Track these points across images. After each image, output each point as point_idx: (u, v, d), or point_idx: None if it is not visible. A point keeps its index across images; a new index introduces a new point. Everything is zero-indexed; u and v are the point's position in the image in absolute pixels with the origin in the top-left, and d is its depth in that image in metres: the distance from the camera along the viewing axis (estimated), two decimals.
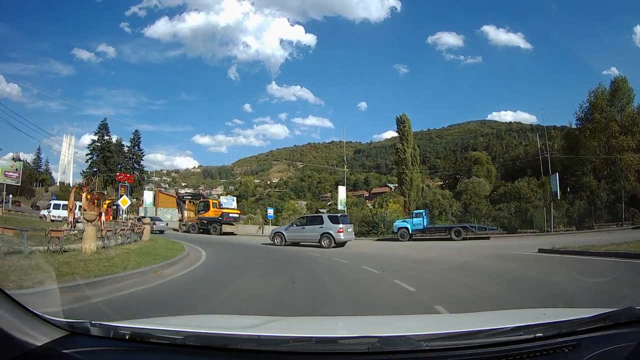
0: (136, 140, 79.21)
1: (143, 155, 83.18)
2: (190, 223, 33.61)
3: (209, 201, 35.06)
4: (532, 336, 1.49)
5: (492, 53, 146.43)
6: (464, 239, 24.40)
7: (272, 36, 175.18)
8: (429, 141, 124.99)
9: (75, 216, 18.70)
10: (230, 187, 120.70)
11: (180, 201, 39.76)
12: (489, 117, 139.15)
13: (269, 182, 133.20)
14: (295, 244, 19.76)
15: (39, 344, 1.35)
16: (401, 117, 43.72)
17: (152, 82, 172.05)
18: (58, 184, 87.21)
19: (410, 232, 26.29)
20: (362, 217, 35.07)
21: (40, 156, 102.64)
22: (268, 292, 6.92)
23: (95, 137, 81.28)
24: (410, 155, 42.48)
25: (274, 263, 11.91)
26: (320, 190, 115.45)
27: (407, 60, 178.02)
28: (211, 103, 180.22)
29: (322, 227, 19.08)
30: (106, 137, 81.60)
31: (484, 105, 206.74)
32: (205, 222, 31.82)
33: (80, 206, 18.49)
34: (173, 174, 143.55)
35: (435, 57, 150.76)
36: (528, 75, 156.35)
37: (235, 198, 49.75)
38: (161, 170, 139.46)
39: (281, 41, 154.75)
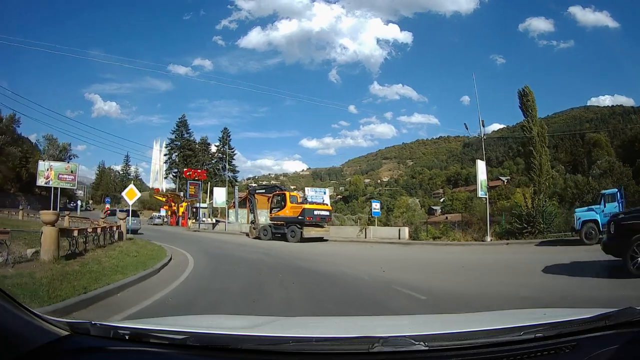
0: (225, 138, 73.37)
1: (234, 154, 77.27)
2: (261, 225, 25.71)
3: (284, 194, 25.26)
4: (532, 336, 1.49)
5: (582, 35, 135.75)
6: None
7: (368, 36, 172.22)
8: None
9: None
10: (340, 188, 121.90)
11: (250, 197, 29.06)
12: (589, 103, 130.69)
13: (379, 180, 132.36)
14: None
15: (39, 344, 1.35)
16: (523, 90, 35.52)
17: (254, 90, 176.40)
18: (150, 189, 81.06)
19: (601, 227, 14.85)
20: (511, 209, 23.25)
21: (129, 163, 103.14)
22: None
23: (173, 136, 77.22)
24: (537, 134, 36.15)
25: None
26: (432, 187, 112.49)
27: (501, 50, 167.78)
28: (315, 107, 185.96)
29: None
30: (185, 135, 76.92)
31: (582, 91, 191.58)
32: (280, 223, 23.92)
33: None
34: (281, 178, 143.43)
35: (528, 44, 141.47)
36: (620, 56, 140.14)
37: (327, 190, 40.30)
38: (269, 174, 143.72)
39: (378, 41, 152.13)
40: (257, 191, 29.54)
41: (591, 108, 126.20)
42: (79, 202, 63.21)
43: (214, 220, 43.77)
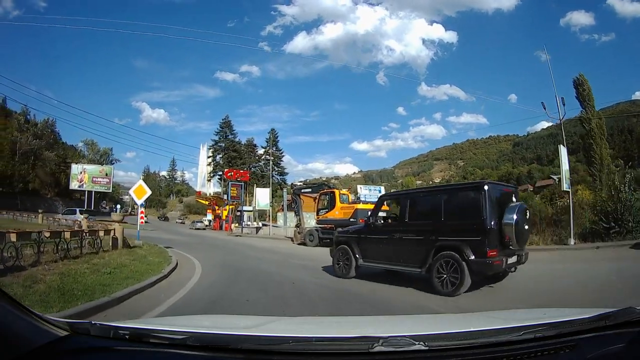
0: (273, 139, 67.68)
1: (282, 156, 72.79)
2: (307, 230, 22.51)
3: (333, 192, 21.77)
4: (532, 336, 1.50)
5: (622, 27, 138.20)
6: None
7: (413, 37, 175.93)
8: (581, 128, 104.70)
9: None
10: (392, 190, 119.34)
11: (295, 197, 25.41)
12: (633, 97, 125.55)
13: (430, 182, 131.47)
14: None
15: (39, 344, 1.35)
16: (579, 79, 33.05)
17: (303, 94, 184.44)
18: (198, 192, 78.61)
19: None
20: (594, 205, 18.42)
21: (175, 168, 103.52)
22: None
23: (217, 137, 74.81)
24: (596, 126, 32.81)
25: None
26: None
27: (545, 45, 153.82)
28: (365, 109, 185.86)
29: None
30: (230, 136, 74.50)
31: (627, 84, 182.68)
32: (329, 227, 20.15)
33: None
34: (333, 180, 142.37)
35: (570, 38, 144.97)
36: None
37: (382, 188, 35.56)
38: (320, 177, 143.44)
39: (423, 41, 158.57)
40: (302, 191, 25.82)
41: (638, 102, 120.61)
42: (118, 206, 61.27)
43: (259, 224, 40.81)
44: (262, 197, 41.35)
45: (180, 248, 15.87)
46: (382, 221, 8.85)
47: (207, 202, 57.21)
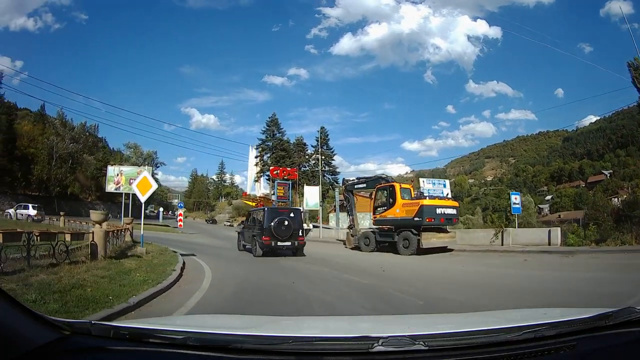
0: (323, 138, 62.79)
1: (333, 154, 68.49)
2: (362, 232, 19.38)
3: (393, 186, 17.98)
4: (532, 336, 1.48)
5: None
6: None
7: (458, 34, 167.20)
8: (630, 119, 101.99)
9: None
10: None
11: (347, 194, 21.68)
12: None
13: (483, 180, 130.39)
14: None
15: (40, 343, 1.33)
16: (634, 62, 28.76)
17: (352, 96, 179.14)
18: (244, 194, 76.47)
19: None
20: None
21: (224, 171, 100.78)
22: None
23: (264, 136, 71.24)
24: None
25: None
26: (536, 184, 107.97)
27: (587, 37, 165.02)
28: (414, 109, 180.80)
29: None
30: (277, 135, 70.68)
31: None
32: (388, 228, 17.52)
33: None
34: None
35: (610, 29, 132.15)
36: None
37: (447, 182, 31.88)
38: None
39: (468, 38, 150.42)
40: (355, 186, 21.43)
41: None
42: (160, 210, 59.65)
43: (310, 226, 37.90)
44: (311, 196, 37.22)
45: (205, 256, 13.31)
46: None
47: (253, 204, 53.67)
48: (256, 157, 73.02)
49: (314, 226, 36.93)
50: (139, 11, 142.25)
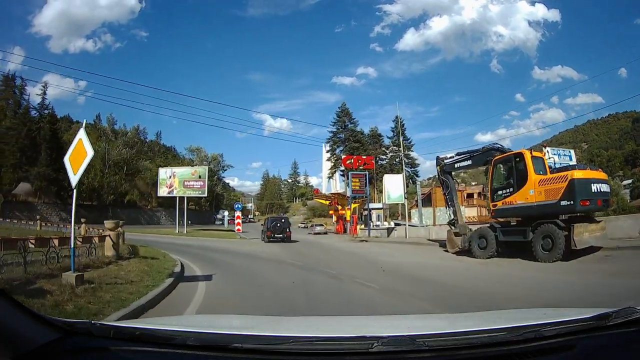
0: (399, 127, 58.36)
1: (411, 145, 62.83)
2: (476, 229, 14.30)
3: (522, 155, 12.31)
4: (532, 336, 1.47)
5: None
6: None
7: (518, 20, 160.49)
8: None
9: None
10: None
11: (445, 176, 15.85)
12: None
13: None
14: None
15: (40, 343, 1.33)
16: None
17: (422, 90, 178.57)
18: (315, 190, 72.44)
19: None
20: None
21: (297, 171, 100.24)
22: None
23: (334, 128, 66.04)
24: None
25: None
26: (612, 169, 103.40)
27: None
28: (483, 99, 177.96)
29: None
30: (349, 125, 66.05)
31: None
32: (516, 221, 13.06)
33: None
34: (462, 174, 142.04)
35: None
36: None
37: (572, 152, 25.38)
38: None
39: (529, 23, 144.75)
40: (456, 164, 15.56)
41: None
42: (225, 214, 54.89)
43: (391, 224, 32.33)
44: (394, 186, 30.45)
45: (235, 279, 9.73)
46: None
47: (327, 202, 50.29)
48: (327, 151, 68.37)
49: (395, 224, 31.58)
50: (197, 25, 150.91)
